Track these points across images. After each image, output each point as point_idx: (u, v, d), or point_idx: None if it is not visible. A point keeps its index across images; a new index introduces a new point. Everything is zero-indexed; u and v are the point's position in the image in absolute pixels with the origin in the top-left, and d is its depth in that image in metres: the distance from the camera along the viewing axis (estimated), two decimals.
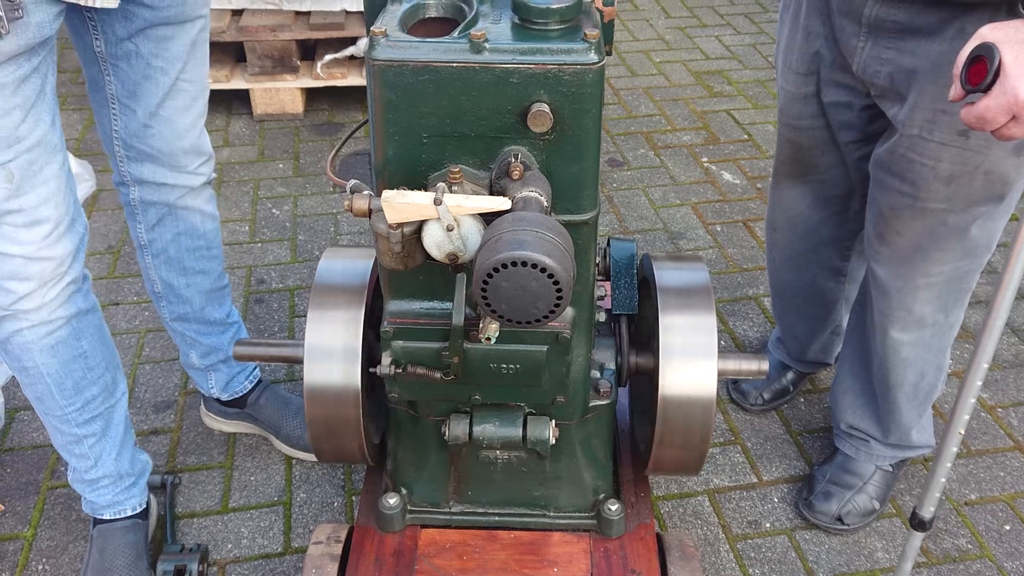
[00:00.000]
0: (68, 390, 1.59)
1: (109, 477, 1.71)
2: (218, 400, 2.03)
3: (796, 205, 1.87)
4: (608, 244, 1.62)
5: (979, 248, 1.58)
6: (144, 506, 1.80)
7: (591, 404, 1.46)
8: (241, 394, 2.02)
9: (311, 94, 3.43)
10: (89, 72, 1.60)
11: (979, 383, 1.35)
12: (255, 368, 2.05)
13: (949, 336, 1.74)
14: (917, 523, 1.49)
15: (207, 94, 1.69)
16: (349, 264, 1.54)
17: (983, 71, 1.11)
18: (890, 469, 1.91)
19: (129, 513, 1.76)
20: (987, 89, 1.12)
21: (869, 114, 1.60)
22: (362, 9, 3.18)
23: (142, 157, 1.66)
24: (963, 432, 1.40)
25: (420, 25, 1.23)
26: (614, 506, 1.53)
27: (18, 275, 1.43)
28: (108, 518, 1.76)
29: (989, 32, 1.13)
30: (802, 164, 1.79)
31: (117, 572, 1.70)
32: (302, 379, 1.47)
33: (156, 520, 1.88)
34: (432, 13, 1.25)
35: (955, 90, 1.17)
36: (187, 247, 1.79)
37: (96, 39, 1.53)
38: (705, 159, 3.13)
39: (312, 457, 1.97)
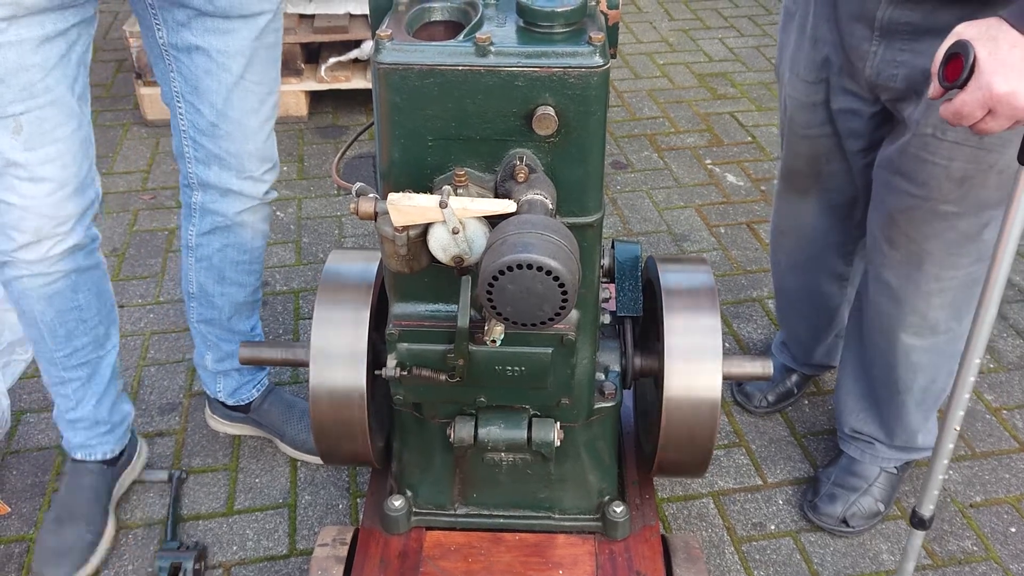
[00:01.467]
0: (60, 337, 1.67)
1: (86, 421, 1.79)
2: (223, 404, 2.03)
3: (803, 214, 1.87)
4: (612, 246, 1.62)
5: (990, 252, 1.57)
6: (115, 455, 1.86)
7: (596, 406, 1.46)
8: (247, 402, 2.03)
9: (315, 97, 3.44)
10: (157, 68, 1.61)
11: (972, 379, 1.37)
12: (264, 377, 2.05)
13: (963, 342, 1.73)
14: (917, 522, 1.50)
15: (277, 96, 1.68)
16: (354, 266, 1.54)
17: (959, 68, 1.14)
18: (895, 471, 1.91)
19: (98, 458, 1.84)
20: (963, 85, 1.15)
21: (876, 121, 1.60)
22: (366, 12, 3.19)
23: (210, 159, 1.66)
24: (958, 428, 1.41)
25: (425, 29, 1.24)
26: (619, 508, 1.53)
27: (17, 226, 1.50)
28: (79, 458, 1.84)
29: (964, 30, 1.16)
30: (811, 175, 1.79)
31: (77, 509, 1.80)
32: (307, 381, 1.47)
33: (139, 471, 1.96)
34: (437, 17, 1.25)
35: (934, 88, 1.20)
36: (231, 259, 1.80)
37: (159, 28, 1.54)
38: (709, 161, 3.13)
39: (317, 460, 1.97)
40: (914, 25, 1.40)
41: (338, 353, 1.45)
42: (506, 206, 1.13)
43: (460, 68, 1.12)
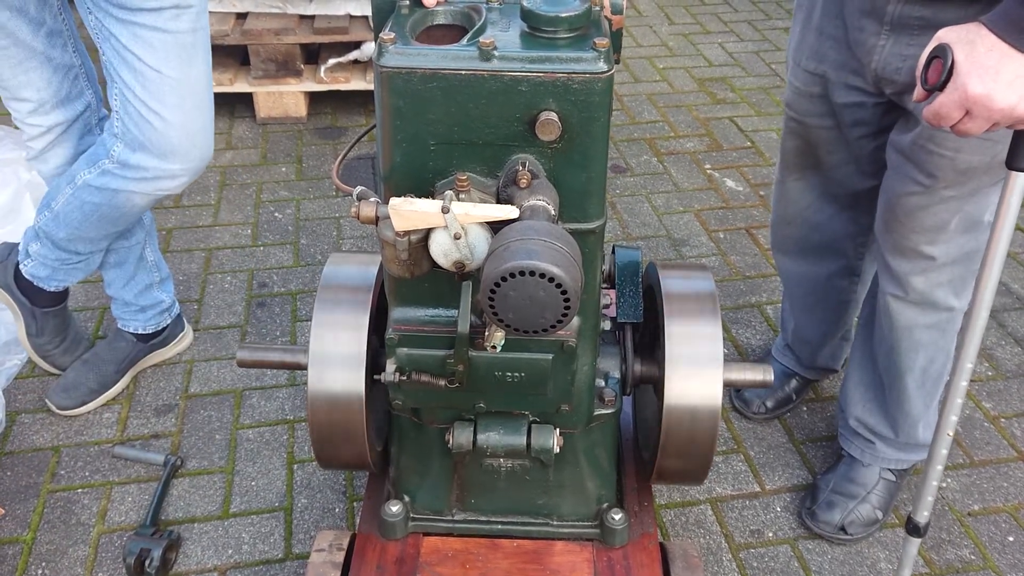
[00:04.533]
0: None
1: (118, 300, 2.15)
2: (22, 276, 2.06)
3: (806, 201, 1.87)
4: (613, 252, 1.61)
5: (979, 224, 1.60)
6: (146, 332, 2.18)
7: (596, 413, 1.45)
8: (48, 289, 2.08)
9: (314, 98, 3.43)
10: None
11: (964, 383, 1.37)
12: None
13: (959, 322, 1.75)
14: (912, 528, 1.50)
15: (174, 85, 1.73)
16: (354, 270, 1.53)
17: (940, 70, 1.17)
18: (893, 478, 1.91)
19: (129, 330, 2.18)
20: (943, 87, 1.17)
21: (883, 109, 1.61)
22: (366, 14, 3.18)
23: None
24: (951, 434, 1.41)
25: (428, 32, 1.23)
26: (617, 515, 1.53)
27: (22, 126, 1.88)
28: (118, 326, 2.19)
29: (945, 34, 1.19)
30: (809, 157, 1.80)
31: (99, 363, 2.15)
32: (305, 385, 1.46)
33: (174, 353, 2.28)
34: (440, 20, 1.25)
35: (917, 91, 1.23)
36: (101, 215, 1.91)
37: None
38: (708, 166, 3.13)
39: (46, 366, 2.17)
40: (924, 20, 1.41)
41: (337, 357, 1.44)
42: (508, 212, 1.12)
43: (463, 72, 1.12)
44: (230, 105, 3.40)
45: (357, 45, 3.23)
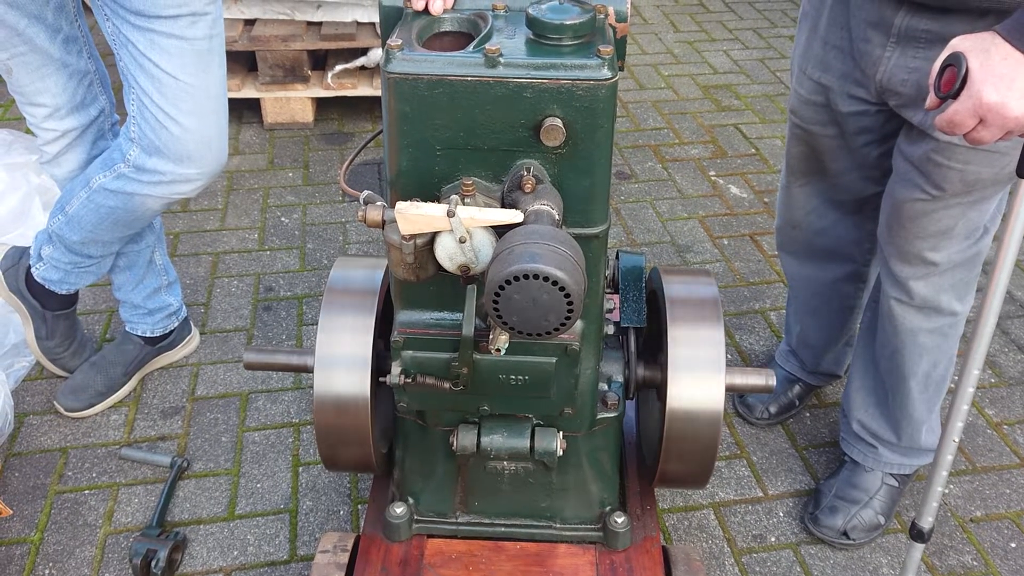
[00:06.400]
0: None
1: (127, 303, 2.18)
2: (33, 279, 2.07)
3: (810, 202, 1.89)
4: (617, 257, 1.63)
5: (980, 229, 1.61)
6: (154, 335, 2.20)
7: (599, 416, 1.46)
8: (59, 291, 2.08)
9: (321, 103, 3.45)
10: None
11: (971, 389, 1.38)
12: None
13: (962, 327, 1.76)
14: (916, 533, 1.50)
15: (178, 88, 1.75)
16: (360, 274, 1.55)
17: (954, 79, 1.18)
18: (896, 483, 1.91)
19: (138, 333, 2.20)
20: (956, 95, 1.18)
21: (886, 116, 1.62)
22: (373, 20, 3.21)
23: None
24: (957, 440, 1.43)
25: (435, 39, 1.25)
26: (620, 518, 1.54)
27: (37, 130, 1.91)
28: (126, 329, 2.21)
29: (959, 43, 1.20)
30: (814, 163, 1.82)
31: (107, 365, 2.16)
32: (311, 387, 1.47)
33: (182, 356, 2.29)
34: (447, 27, 1.26)
35: (930, 99, 1.24)
36: (115, 219, 1.93)
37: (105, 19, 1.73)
38: (712, 173, 3.14)
39: (55, 368, 2.18)
40: (932, 33, 1.43)
41: (343, 360, 1.45)
42: (513, 216, 1.13)
43: (469, 79, 1.13)
44: (237, 111, 3.42)
45: (364, 51, 3.25)
